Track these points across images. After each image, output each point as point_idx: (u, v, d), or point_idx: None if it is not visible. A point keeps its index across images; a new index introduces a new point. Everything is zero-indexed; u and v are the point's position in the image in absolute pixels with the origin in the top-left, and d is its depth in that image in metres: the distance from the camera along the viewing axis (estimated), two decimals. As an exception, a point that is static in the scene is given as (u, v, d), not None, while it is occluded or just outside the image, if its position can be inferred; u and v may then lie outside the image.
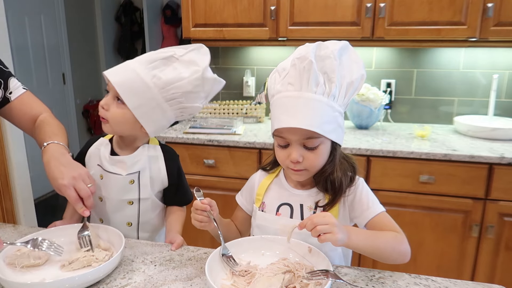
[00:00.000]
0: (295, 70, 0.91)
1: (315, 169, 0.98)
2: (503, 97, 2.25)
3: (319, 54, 0.91)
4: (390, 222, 0.95)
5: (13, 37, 3.28)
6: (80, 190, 0.95)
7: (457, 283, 0.87)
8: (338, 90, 0.91)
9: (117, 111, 1.01)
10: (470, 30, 1.92)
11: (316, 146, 0.93)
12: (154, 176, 1.11)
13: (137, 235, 1.14)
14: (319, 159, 0.95)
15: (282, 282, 0.81)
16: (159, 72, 0.99)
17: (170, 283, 0.87)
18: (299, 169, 0.96)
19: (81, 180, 0.96)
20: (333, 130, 0.92)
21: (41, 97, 1.23)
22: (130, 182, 1.08)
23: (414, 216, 1.90)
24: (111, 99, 1.02)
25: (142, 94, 0.98)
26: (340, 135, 0.95)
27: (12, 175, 2.57)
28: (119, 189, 1.08)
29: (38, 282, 0.85)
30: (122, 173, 1.07)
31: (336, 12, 2.05)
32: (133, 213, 1.11)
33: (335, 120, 0.92)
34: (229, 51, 2.62)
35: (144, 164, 1.08)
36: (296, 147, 0.93)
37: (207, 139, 2.09)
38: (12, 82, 1.14)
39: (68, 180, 0.94)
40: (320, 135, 0.90)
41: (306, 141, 0.92)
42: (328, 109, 0.90)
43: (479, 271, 1.89)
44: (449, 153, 1.79)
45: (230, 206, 2.15)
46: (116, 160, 1.08)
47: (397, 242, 0.90)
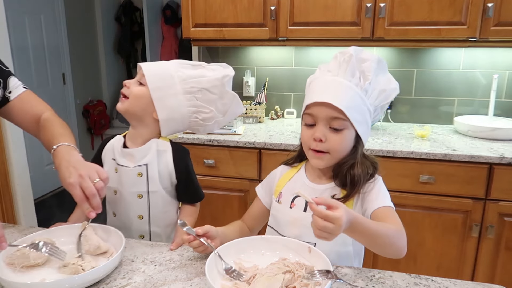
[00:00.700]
0: (336, 61, 1.00)
1: (336, 154, 0.99)
2: (503, 97, 2.25)
3: (360, 55, 0.98)
4: (393, 217, 0.95)
5: (13, 37, 3.28)
6: (85, 188, 0.93)
7: (457, 283, 0.87)
8: (371, 89, 0.98)
9: (138, 87, 1.09)
10: (470, 30, 1.92)
11: (341, 129, 0.96)
12: (162, 170, 1.12)
13: (149, 229, 1.16)
14: (341, 143, 0.98)
15: (282, 282, 0.81)
16: (185, 69, 1.11)
17: (170, 283, 0.87)
18: (320, 151, 0.98)
19: (88, 178, 0.95)
20: (360, 122, 0.97)
21: (41, 97, 1.23)
22: (138, 174, 1.11)
23: (414, 216, 1.90)
24: (134, 81, 1.11)
25: (164, 79, 1.08)
26: (366, 132, 1.01)
27: (12, 175, 2.57)
28: (129, 182, 1.12)
29: (38, 282, 0.85)
30: (130, 166, 1.11)
31: (336, 12, 2.05)
32: (144, 206, 1.14)
33: (363, 114, 0.97)
34: (229, 51, 2.62)
35: (152, 157, 1.11)
36: (322, 126, 0.97)
37: (207, 139, 2.09)
38: (12, 81, 1.13)
39: (74, 178, 0.93)
40: (346, 117, 0.94)
41: (332, 121, 0.96)
42: (358, 99, 0.96)
43: (479, 271, 1.89)
44: (449, 153, 1.79)
45: (230, 206, 2.17)
46: (126, 152, 1.12)
47: (397, 237, 0.89)
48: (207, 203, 2.18)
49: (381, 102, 1.00)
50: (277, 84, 2.58)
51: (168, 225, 1.19)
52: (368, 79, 0.96)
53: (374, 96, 0.99)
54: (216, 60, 2.65)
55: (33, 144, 2.74)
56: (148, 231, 1.16)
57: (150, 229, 1.16)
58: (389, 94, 1.00)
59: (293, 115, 2.56)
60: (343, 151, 0.99)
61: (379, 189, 1.00)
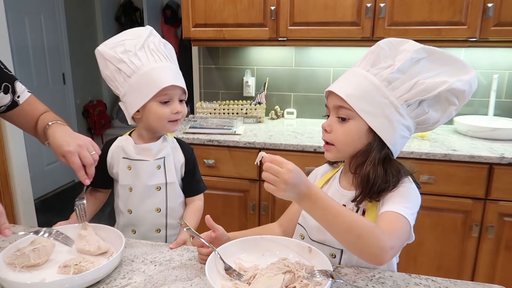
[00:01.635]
0: (366, 52, 0.96)
1: (341, 147, 0.94)
2: (503, 97, 2.25)
3: (399, 46, 0.91)
4: (389, 222, 0.84)
5: (13, 37, 3.28)
6: (84, 157, 1.01)
7: (457, 283, 0.87)
8: (399, 80, 0.89)
9: (183, 108, 1.15)
10: (470, 30, 1.92)
11: (345, 119, 0.92)
12: (176, 163, 1.20)
13: (166, 222, 1.20)
14: (346, 135, 0.93)
15: (282, 282, 0.80)
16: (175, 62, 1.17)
17: (170, 283, 0.87)
18: (327, 142, 0.97)
19: (86, 148, 1.02)
20: (373, 114, 0.90)
21: (41, 97, 1.25)
22: (157, 167, 1.16)
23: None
24: (178, 103, 1.13)
25: None
26: (386, 129, 0.90)
27: (12, 175, 2.57)
28: (148, 175, 1.15)
29: (38, 282, 0.85)
30: (150, 159, 1.15)
31: (336, 12, 2.05)
32: (161, 199, 1.18)
33: (379, 106, 0.89)
34: (229, 51, 2.61)
35: (168, 151, 1.18)
36: (332, 116, 0.96)
37: (207, 139, 2.09)
38: (18, 86, 1.17)
39: (73, 147, 1.00)
40: (350, 107, 0.90)
41: (338, 110, 0.93)
42: (372, 89, 0.89)
43: (479, 271, 1.89)
44: (449, 153, 1.79)
45: (230, 206, 2.17)
46: (142, 148, 1.16)
47: (369, 233, 0.79)
48: (207, 203, 2.16)
49: (417, 96, 0.88)
50: (277, 84, 2.58)
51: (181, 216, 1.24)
52: (395, 69, 0.88)
53: (404, 88, 0.88)
54: (216, 60, 2.66)
55: (33, 144, 2.74)
56: (165, 224, 1.20)
57: (166, 221, 1.20)
58: (432, 88, 0.87)
59: (293, 115, 2.56)
60: (348, 143, 0.94)
61: (397, 196, 0.90)
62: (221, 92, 2.71)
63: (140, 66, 1.07)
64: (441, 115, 0.93)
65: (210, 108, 2.49)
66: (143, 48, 1.09)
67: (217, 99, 2.70)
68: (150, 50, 1.10)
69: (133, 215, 1.19)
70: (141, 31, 1.13)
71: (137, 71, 1.07)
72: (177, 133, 2.17)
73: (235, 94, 2.67)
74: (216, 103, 2.51)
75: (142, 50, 1.09)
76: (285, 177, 0.77)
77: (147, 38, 1.11)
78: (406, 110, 0.90)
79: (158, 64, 1.08)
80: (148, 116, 1.11)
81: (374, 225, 0.81)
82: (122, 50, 1.09)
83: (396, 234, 0.82)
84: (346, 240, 0.82)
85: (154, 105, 1.09)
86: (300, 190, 0.79)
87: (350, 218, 0.80)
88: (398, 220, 0.85)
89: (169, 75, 1.09)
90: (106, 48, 1.10)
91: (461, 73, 0.90)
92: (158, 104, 1.09)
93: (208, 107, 2.49)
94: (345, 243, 0.84)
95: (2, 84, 1.12)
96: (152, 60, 1.08)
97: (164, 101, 1.10)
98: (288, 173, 0.77)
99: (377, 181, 0.91)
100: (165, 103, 1.10)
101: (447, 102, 0.91)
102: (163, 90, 1.07)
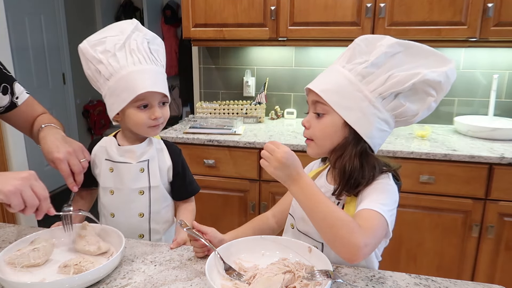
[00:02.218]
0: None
1: (319, 142, 0.97)
2: (503, 97, 2.25)
3: (376, 42, 0.93)
4: (365, 219, 0.85)
5: (13, 37, 3.28)
6: (73, 165, 1.01)
7: (457, 283, 0.87)
8: (373, 74, 0.90)
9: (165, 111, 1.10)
10: (470, 30, 1.92)
11: (322, 114, 0.95)
12: (161, 166, 1.15)
13: (149, 227, 1.16)
14: (323, 129, 0.96)
15: (282, 282, 0.80)
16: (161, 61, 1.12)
17: (170, 283, 0.87)
18: (306, 138, 0.99)
19: (75, 156, 1.02)
20: (348, 108, 0.91)
21: (41, 97, 1.25)
22: (141, 170, 1.12)
23: (414, 216, 1.90)
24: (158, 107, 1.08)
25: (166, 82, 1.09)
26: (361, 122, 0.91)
27: (12, 175, 2.56)
28: (131, 178, 1.12)
29: (38, 282, 0.85)
30: (133, 162, 1.11)
31: (336, 12, 2.05)
32: (144, 203, 1.14)
33: (354, 100, 0.91)
34: (229, 51, 2.62)
35: (152, 153, 1.13)
36: (310, 112, 0.99)
37: (207, 139, 2.09)
38: (17, 87, 1.17)
39: (63, 154, 1.00)
40: (325, 102, 0.92)
41: (314, 105, 0.96)
42: (347, 83, 0.91)
43: (479, 271, 1.89)
44: (449, 153, 1.79)
45: (230, 206, 2.17)
46: (125, 150, 1.12)
47: (343, 226, 0.81)
48: (207, 203, 2.18)
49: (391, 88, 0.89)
50: (277, 84, 2.58)
51: (166, 221, 1.21)
52: (369, 64, 0.89)
53: (378, 82, 0.89)
54: (216, 60, 2.66)
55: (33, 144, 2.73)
56: (148, 229, 1.16)
57: (150, 226, 1.16)
58: (405, 80, 0.88)
59: (293, 115, 2.56)
60: (325, 138, 0.96)
61: (376, 191, 0.91)
62: (221, 92, 2.71)
63: (117, 69, 1.02)
64: (419, 108, 0.92)
65: (210, 108, 2.49)
66: (123, 47, 1.04)
67: (217, 99, 2.70)
68: (130, 50, 1.04)
69: (115, 219, 1.15)
70: (125, 26, 1.07)
71: (115, 74, 1.02)
72: (177, 133, 2.17)
73: (235, 94, 2.67)
74: (216, 103, 2.51)
75: (122, 50, 1.03)
76: (279, 156, 0.85)
77: (131, 35, 1.05)
78: (381, 103, 0.91)
79: (136, 67, 1.02)
80: (126, 120, 1.08)
81: (351, 219, 0.83)
82: (102, 49, 1.03)
83: (371, 231, 0.83)
84: (321, 229, 0.85)
85: (132, 111, 1.05)
86: (290, 172, 0.86)
87: (329, 209, 0.83)
88: (374, 217, 0.86)
89: (147, 80, 1.03)
90: (88, 46, 1.05)
91: (440, 65, 0.90)
92: (136, 109, 1.05)
93: (208, 107, 2.49)
94: (321, 232, 0.86)
95: (1, 85, 1.12)
96: (130, 62, 1.03)
97: (142, 106, 1.05)
98: (282, 153, 0.85)
99: (353, 173, 0.93)
100: (144, 108, 1.05)
101: (424, 93, 0.91)
102: (140, 95, 1.02)
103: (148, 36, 1.09)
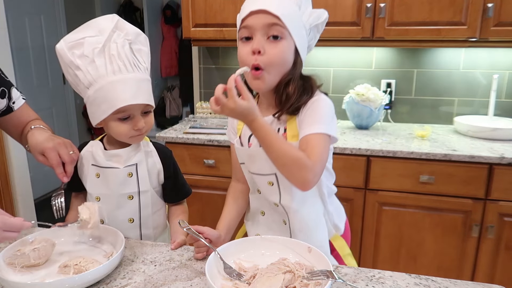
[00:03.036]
0: None
1: (275, 69, 0.98)
2: (503, 97, 2.25)
3: None
4: (311, 146, 0.94)
5: (13, 37, 3.28)
6: (63, 154, 1.02)
7: (457, 283, 0.87)
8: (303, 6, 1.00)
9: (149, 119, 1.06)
10: (470, 30, 1.92)
11: (280, 38, 0.96)
12: (150, 169, 1.11)
13: (140, 232, 1.13)
14: (280, 54, 0.97)
15: (282, 282, 0.81)
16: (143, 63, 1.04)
17: (170, 283, 0.87)
18: (259, 68, 0.96)
19: (65, 146, 1.03)
20: (298, 35, 0.98)
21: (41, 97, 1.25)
22: (129, 175, 1.08)
23: (414, 216, 1.90)
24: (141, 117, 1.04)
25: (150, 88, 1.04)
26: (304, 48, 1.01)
27: (12, 175, 2.57)
28: (119, 183, 1.08)
29: (38, 282, 0.85)
30: (120, 166, 1.07)
31: (336, 12, 2.05)
32: (134, 209, 1.11)
33: (300, 27, 0.98)
34: (229, 51, 2.61)
35: (140, 157, 1.08)
36: (259, 37, 0.96)
37: (207, 139, 2.09)
38: (14, 92, 1.17)
39: (53, 144, 1.01)
40: (283, 25, 0.94)
41: (270, 29, 0.96)
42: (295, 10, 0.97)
43: (479, 271, 1.89)
44: (449, 153, 1.80)
45: (230, 206, 2.15)
46: (111, 154, 1.08)
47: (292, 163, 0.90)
48: (207, 203, 2.18)
49: (314, 21, 1.01)
50: (277, 84, 2.57)
51: (157, 226, 1.17)
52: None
53: (307, 13, 1.00)
54: (216, 60, 2.66)
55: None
56: (139, 235, 1.13)
57: (141, 232, 1.13)
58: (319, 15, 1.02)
59: (293, 115, 2.56)
60: (282, 64, 0.98)
61: (315, 114, 0.98)
62: (221, 92, 2.70)
63: (96, 78, 0.96)
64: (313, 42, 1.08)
65: (210, 108, 2.49)
66: (103, 52, 0.97)
67: (217, 99, 2.70)
68: (110, 56, 0.97)
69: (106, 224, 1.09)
70: (105, 24, 0.99)
71: (94, 84, 0.97)
72: (177, 133, 2.17)
73: (235, 94, 2.67)
74: (216, 103, 2.50)
75: (101, 56, 0.97)
76: (230, 108, 0.86)
77: (111, 35, 0.98)
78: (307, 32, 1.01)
79: (116, 77, 0.96)
80: (109, 130, 1.05)
81: (300, 156, 0.91)
82: (80, 53, 0.97)
83: (318, 159, 0.93)
84: (276, 166, 0.94)
85: (113, 122, 1.01)
86: (244, 117, 0.90)
87: (281, 148, 0.91)
88: (319, 141, 0.95)
89: (128, 91, 0.97)
90: (65, 48, 0.98)
91: None
92: (117, 121, 1.01)
93: (208, 107, 2.49)
94: (277, 168, 0.95)
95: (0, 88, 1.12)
96: (110, 71, 0.96)
97: (123, 118, 1.01)
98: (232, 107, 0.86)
99: (299, 94, 1.00)
100: (125, 120, 1.01)
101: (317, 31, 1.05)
102: (121, 108, 0.97)
103: (130, 36, 1.01)
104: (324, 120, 0.97)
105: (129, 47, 1.00)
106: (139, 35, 1.05)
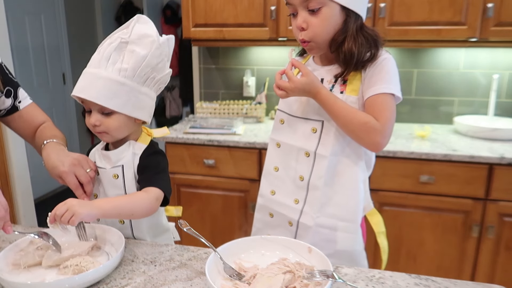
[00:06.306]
0: None
1: (320, 39, 1.00)
2: (503, 97, 2.25)
3: None
4: (381, 110, 0.98)
5: (13, 37, 3.28)
6: (80, 176, 1.01)
7: (457, 283, 0.87)
8: None
9: (109, 120, 1.00)
10: (470, 30, 1.92)
11: (318, 8, 0.97)
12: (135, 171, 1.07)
13: (132, 234, 1.11)
14: (322, 24, 0.98)
15: (282, 282, 0.81)
16: (120, 63, 0.97)
17: (170, 283, 0.87)
18: (306, 41, 1.01)
19: (81, 166, 1.02)
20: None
21: (41, 97, 1.26)
22: (114, 176, 1.05)
23: (414, 216, 1.90)
24: (97, 115, 1.00)
25: (121, 92, 0.97)
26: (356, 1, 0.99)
27: (12, 175, 2.57)
28: (106, 184, 1.07)
29: (38, 282, 0.85)
30: (107, 167, 1.06)
31: (336, 12, 2.05)
32: None
33: None
34: (229, 51, 2.62)
35: (128, 159, 1.05)
36: (301, 12, 0.99)
37: (207, 139, 2.09)
38: (21, 92, 1.18)
39: (68, 167, 1.00)
40: None
41: (306, 3, 0.97)
42: None
43: (479, 271, 1.89)
44: (449, 153, 1.80)
45: (230, 206, 2.17)
46: (104, 154, 1.08)
47: (360, 129, 0.97)
48: (207, 203, 2.18)
49: None
50: (277, 84, 2.57)
51: (151, 227, 1.14)
52: None
53: None
54: (216, 60, 2.66)
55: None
56: (131, 237, 1.11)
57: (133, 234, 1.11)
58: None
59: (293, 115, 2.56)
60: (326, 33, 1.00)
61: (382, 73, 1.00)
62: (221, 92, 2.71)
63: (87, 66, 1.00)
64: None
65: (210, 108, 2.49)
66: (101, 46, 1.00)
67: (217, 99, 2.70)
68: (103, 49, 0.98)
69: (100, 222, 1.08)
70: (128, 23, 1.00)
71: None
72: (177, 133, 2.17)
73: (235, 94, 2.67)
74: (216, 103, 2.51)
75: (100, 47, 1.00)
76: (294, 88, 0.98)
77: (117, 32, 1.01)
78: None
79: (87, 69, 0.99)
80: None
81: (367, 120, 0.97)
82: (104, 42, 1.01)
83: (387, 123, 0.98)
84: (345, 131, 1.01)
85: None
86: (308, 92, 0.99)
87: (348, 116, 0.98)
88: (386, 103, 1.00)
89: (81, 83, 0.98)
90: None
91: None
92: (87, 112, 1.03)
93: (208, 107, 2.49)
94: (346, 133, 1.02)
95: (6, 87, 1.13)
96: (93, 62, 0.99)
97: (87, 110, 1.02)
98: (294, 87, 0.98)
99: (362, 51, 1.00)
100: (88, 112, 1.02)
101: None
102: (79, 98, 0.98)
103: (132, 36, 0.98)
104: (392, 79, 1.01)
105: (116, 45, 0.97)
106: (144, 37, 0.98)
